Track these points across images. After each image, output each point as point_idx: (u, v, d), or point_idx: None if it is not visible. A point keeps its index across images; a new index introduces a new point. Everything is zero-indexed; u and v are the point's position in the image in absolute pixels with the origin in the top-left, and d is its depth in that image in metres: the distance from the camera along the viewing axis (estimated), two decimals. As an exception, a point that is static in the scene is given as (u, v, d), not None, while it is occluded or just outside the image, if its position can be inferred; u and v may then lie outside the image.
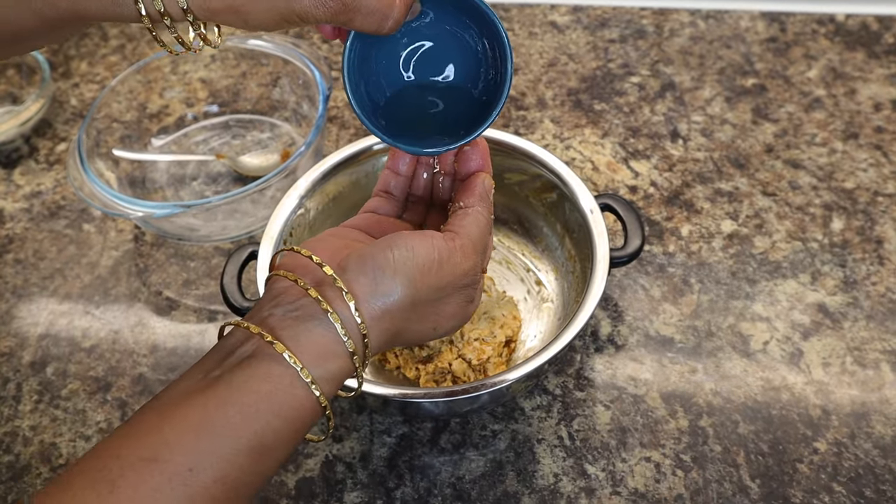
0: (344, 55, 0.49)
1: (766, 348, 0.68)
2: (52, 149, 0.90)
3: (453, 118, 0.51)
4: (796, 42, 0.93)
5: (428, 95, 0.52)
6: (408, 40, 0.50)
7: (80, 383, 0.69)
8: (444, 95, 0.51)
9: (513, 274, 0.73)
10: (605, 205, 0.67)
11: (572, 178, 0.67)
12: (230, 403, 0.39)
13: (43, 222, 0.82)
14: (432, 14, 0.49)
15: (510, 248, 0.75)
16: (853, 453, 0.61)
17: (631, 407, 0.65)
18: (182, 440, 0.38)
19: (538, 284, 0.72)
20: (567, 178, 0.68)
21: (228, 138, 0.89)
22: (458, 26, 0.49)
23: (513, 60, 0.48)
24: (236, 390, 0.40)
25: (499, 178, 0.71)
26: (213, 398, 0.40)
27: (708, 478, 0.61)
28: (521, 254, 0.75)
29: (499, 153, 0.69)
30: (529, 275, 0.73)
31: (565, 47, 0.96)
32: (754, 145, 0.83)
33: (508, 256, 0.74)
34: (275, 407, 0.40)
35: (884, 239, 0.74)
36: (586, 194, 0.66)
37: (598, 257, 0.62)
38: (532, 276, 0.73)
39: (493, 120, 0.49)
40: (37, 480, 0.63)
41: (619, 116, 0.87)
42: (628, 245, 0.65)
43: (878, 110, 0.85)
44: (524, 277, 0.73)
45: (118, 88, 0.83)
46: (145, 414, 0.41)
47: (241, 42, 0.86)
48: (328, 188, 0.70)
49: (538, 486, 0.61)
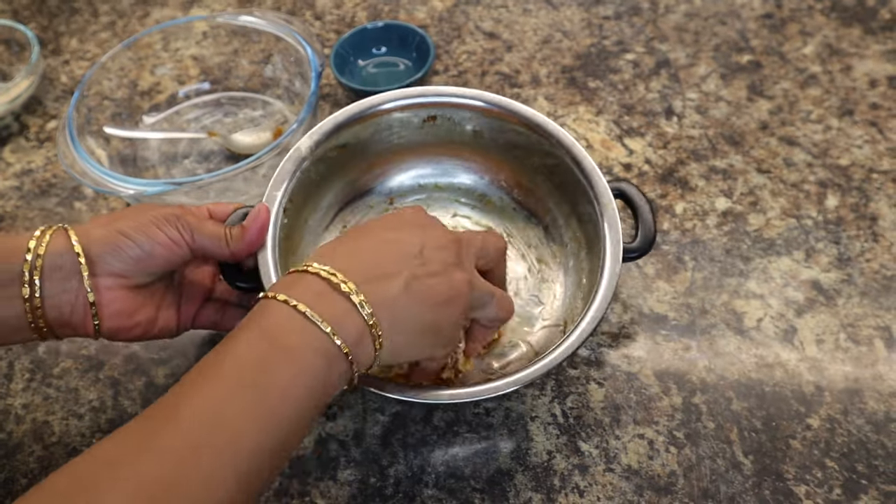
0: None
1: (760, 325, 0.68)
2: (43, 126, 0.89)
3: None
4: (792, 18, 0.92)
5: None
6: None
7: (72, 362, 0.69)
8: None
9: (513, 249, 0.70)
10: (618, 191, 0.64)
11: (587, 160, 0.64)
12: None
13: (34, 200, 0.82)
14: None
15: (515, 223, 0.72)
16: (846, 429, 0.62)
17: (624, 384, 0.65)
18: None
19: (540, 262, 0.70)
20: (581, 160, 0.64)
21: (220, 116, 0.88)
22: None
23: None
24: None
25: (505, 149, 0.70)
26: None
27: (701, 454, 0.61)
28: (525, 226, 0.72)
29: (508, 123, 0.68)
30: (531, 251, 0.70)
31: (559, 24, 0.95)
32: (749, 122, 0.82)
33: (512, 231, 0.72)
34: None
35: (878, 216, 0.74)
36: (601, 181, 0.63)
37: (608, 259, 0.60)
38: (534, 253, 0.70)
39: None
40: (29, 458, 0.63)
41: (614, 94, 0.86)
42: (639, 238, 0.62)
43: (873, 87, 0.85)
44: (525, 254, 0.70)
45: (109, 65, 0.82)
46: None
47: (232, 18, 0.85)
48: (333, 143, 0.68)
49: (532, 463, 0.61)
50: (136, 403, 0.66)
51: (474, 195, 0.74)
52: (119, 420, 0.65)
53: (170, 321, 0.59)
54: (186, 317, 0.60)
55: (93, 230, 0.53)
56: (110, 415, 0.65)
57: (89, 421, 0.65)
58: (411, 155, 0.73)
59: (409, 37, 0.90)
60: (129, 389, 0.67)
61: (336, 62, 0.87)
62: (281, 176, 0.62)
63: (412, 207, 0.56)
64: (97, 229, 0.53)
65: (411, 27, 0.90)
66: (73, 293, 0.53)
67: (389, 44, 0.92)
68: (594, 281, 0.60)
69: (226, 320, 0.62)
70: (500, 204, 0.73)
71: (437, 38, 0.94)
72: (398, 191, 0.74)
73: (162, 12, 1.02)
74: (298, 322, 0.45)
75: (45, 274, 0.51)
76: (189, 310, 0.60)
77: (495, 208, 0.73)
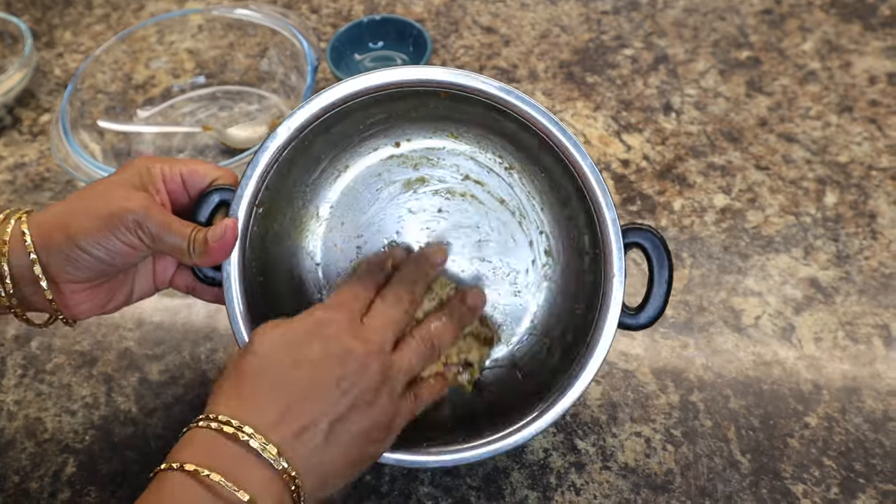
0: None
1: (758, 323, 0.67)
2: (36, 119, 0.88)
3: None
4: (791, 14, 0.92)
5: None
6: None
7: (65, 357, 0.69)
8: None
9: (522, 234, 0.61)
10: (633, 241, 0.54)
11: (601, 189, 0.53)
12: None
13: (27, 194, 0.81)
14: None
15: (531, 196, 0.61)
16: (844, 428, 0.61)
17: (622, 382, 0.65)
18: None
19: (547, 255, 0.61)
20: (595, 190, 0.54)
21: (215, 110, 0.87)
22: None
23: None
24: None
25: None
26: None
27: (698, 452, 0.61)
28: (541, 208, 0.61)
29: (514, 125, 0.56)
30: (542, 238, 0.61)
31: (557, 19, 0.94)
32: (748, 119, 0.82)
33: (526, 207, 0.61)
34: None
35: (877, 213, 0.74)
36: (613, 225, 0.53)
37: (604, 326, 0.53)
38: (544, 242, 0.61)
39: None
40: (21, 455, 0.63)
41: (612, 89, 0.86)
42: (647, 307, 0.54)
43: (872, 83, 0.84)
44: (534, 241, 0.61)
45: (103, 58, 0.82)
46: None
47: (228, 12, 0.84)
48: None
49: (528, 461, 0.61)
50: (129, 400, 0.65)
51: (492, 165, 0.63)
52: (112, 416, 0.64)
53: (146, 287, 0.57)
54: (162, 280, 0.58)
55: (51, 236, 0.50)
56: (103, 411, 0.65)
57: (82, 417, 0.65)
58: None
59: (406, 31, 0.90)
60: (123, 385, 0.66)
61: (332, 56, 0.87)
62: (249, 175, 0.55)
63: (324, 309, 0.51)
64: (55, 234, 0.50)
65: (408, 21, 0.89)
66: (41, 295, 0.51)
67: (386, 38, 0.91)
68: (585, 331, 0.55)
69: (200, 288, 0.58)
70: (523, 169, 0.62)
71: (434, 32, 0.94)
72: (407, 134, 0.62)
73: (157, 5, 1.01)
74: (206, 498, 0.41)
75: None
76: (164, 272, 0.58)
77: (517, 172, 0.62)
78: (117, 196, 0.51)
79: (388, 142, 0.62)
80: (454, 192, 0.62)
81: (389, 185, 0.62)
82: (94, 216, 0.50)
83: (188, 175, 0.54)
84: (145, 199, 0.51)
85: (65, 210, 0.51)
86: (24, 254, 0.50)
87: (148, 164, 0.53)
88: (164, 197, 0.53)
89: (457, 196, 0.62)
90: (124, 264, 0.52)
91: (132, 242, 0.50)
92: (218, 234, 0.52)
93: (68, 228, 0.50)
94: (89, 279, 0.52)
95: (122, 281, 0.55)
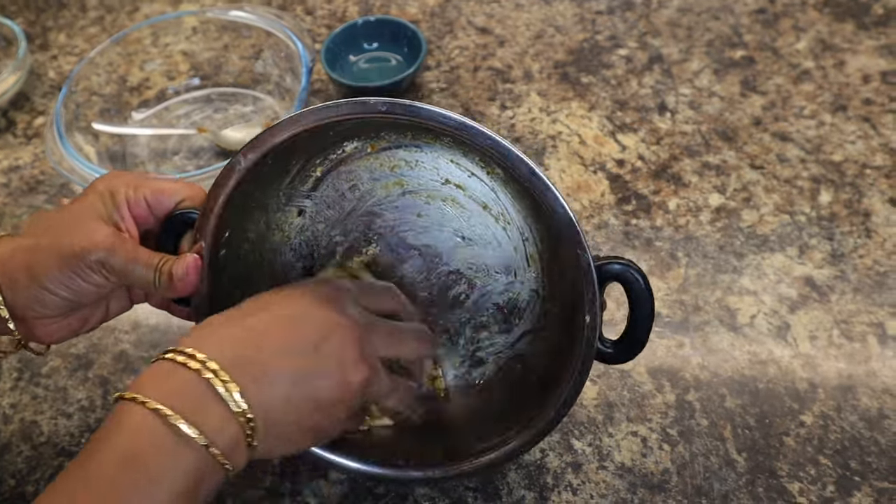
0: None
1: (754, 322, 0.67)
2: (30, 122, 0.88)
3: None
4: (785, 13, 0.92)
5: None
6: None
7: (60, 360, 0.68)
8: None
9: (507, 239, 0.58)
10: (613, 274, 0.49)
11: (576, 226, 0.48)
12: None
13: (21, 197, 0.81)
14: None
15: (514, 201, 0.57)
16: (839, 426, 0.61)
17: (617, 382, 0.65)
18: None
19: (532, 261, 0.58)
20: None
21: (210, 112, 0.87)
22: None
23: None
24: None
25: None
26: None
27: (694, 451, 0.61)
28: (525, 215, 0.57)
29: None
30: (526, 245, 0.58)
31: (552, 19, 0.94)
32: (742, 118, 0.82)
33: (510, 212, 0.58)
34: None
35: (871, 212, 0.74)
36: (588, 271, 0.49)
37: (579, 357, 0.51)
38: (529, 248, 0.58)
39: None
40: (17, 459, 0.62)
41: (607, 89, 0.86)
42: (625, 343, 0.51)
43: (866, 82, 0.84)
44: (518, 247, 0.58)
45: (97, 60, 0.82)
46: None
47: (222, 13, 0.84)
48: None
49: (524, 461, 0.61)
50: (125, 402, 0.65)
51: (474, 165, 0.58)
52: (108, 419, 0.64)
53: (122, 306, 0.56)
54: (138, 297, 0.57)
55: (15, 277, 0.49)
56: (99, 414, 0.65)
57: (78, 420, 0.65)
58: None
59: (400, 32, 0.90)
60: (119, 388, 0.66)
61: (327, 57, 0.87)
62: (211, 203, 0.52)
63: (328, 283, 0.51)
64: (19, 274, 0.49)
65: (403, 22, 0.89)
66: (9, 330, 0.51)
67: (381, 39, 0.91)
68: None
69: (174, 307, 0.58)
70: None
71: (428, 33, 0.94)
72: (383, 136, 0.58)
73: (151, 7, 1.01)
74: (167, 437, 0.40)
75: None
76: (138, 291, 0.57)
77: (500, 178, 0.57)
78: (81, 232, 0.50)
79: (364, 144, 0.57)
80: (434, 197, 0.59)
81: (367, 187, 0.59)
82: (58, 256, 0.49)
83: (153, 198, 0.53)
84: (108, 235, 0.50)
85: (28, 247, 0.50)
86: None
87: (112, 188, 0.52)
88: (129, 224, 0.52)
89: (437, 200, 0.59)
90: (92, 299, 0.52)
91: (97, 282, 0.50)
92: (181, 273, 0.51)
93: (32, 269, 0.49)
94: (59, 314, 0.51)
95: (95, 306, 0.54)
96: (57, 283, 0.49)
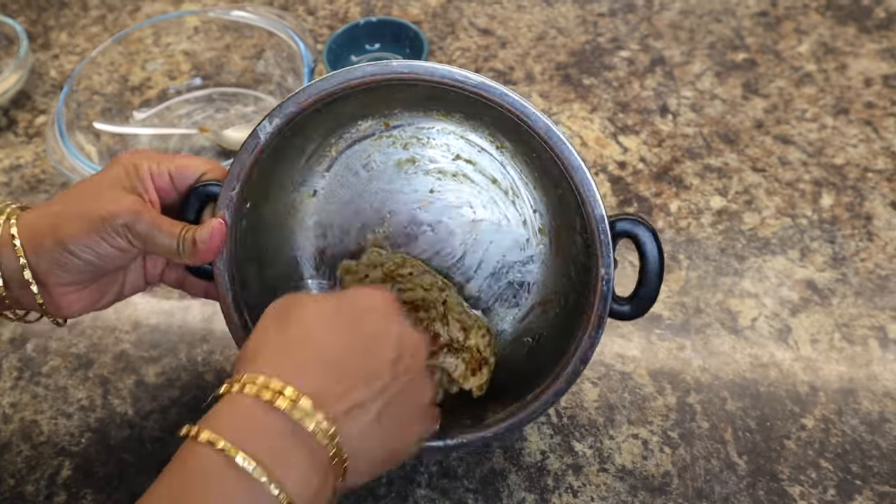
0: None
1: (755, 325, 0.67)
2: (32, 121, 0.88)
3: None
4: (787, 16, 0.92)
5: None
6: None
7: (61, 360, 0.68)
8: None
9: (516, 212, 0.60)
10: (624, 230, 0.52)
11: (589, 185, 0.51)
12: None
13: (23, 196, 0.81)
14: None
15: (523, 174, 0.60)
16: (840, 429, 0.61)
17: (619, 384, 0.65)
18: None
19: (541, 234, 0.60)
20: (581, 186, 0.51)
21: (212, 112, 0.87)
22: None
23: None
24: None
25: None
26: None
27: (695, 454, 0.61)
28: (534, 187, 0.60)
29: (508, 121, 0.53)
30: (536, 217, 0.60)
31: (554, 21, 0.94)
32: (744, 121, 0.82)
33: (519, 185, 0.60)
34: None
35: (873, 215, 0.74)
36: (600, 223, 0.51)
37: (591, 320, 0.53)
38: (538, 220, 0.60)
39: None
40: (17, 458, 0.62)
41: (609, 91, 0.86)
42: (636, 300, 0.53)
43: (868, 85, 0.84)
44: (528, 219, 0.60)
45: (99, 60, 0.81)
46: None
47: (224, 13, 0.84)
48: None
49: (525, 463, 0.61)
50: (125, 402, 0.65)
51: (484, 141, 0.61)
52: (108, 419, 0.64)
53: (137, 283, 0.57)
54: (153, 275, 0.58)
55: (40, 240, 0.50)
56: (100, 414, 0.65)
57: (78, 420, 0.64)
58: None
59: (402, 33, 0.90)
60: (119, 388, 0.66)
61: (329, 58, 0.87)
62: (235, 171, 0.54)
63: (372, 293, 0.49)
64: (45, 238, 0.50)
65: (405, 23, 0.89)
66: (31, 297, 0.51)
67: (383, 40, 0.91)
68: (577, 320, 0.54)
69: (189, 283, 0.59)
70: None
71: (430, 34, 0.94)
72: (395, 114, 0.60)
73: (153, 7, 1.01)
74: (242, 487, 0.38)
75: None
76: (154, 267, 0.58)
77: (509, 151, 0.60)
78: (106, 198, 0.51)
79: (377, 122, 0.60)
80: (445, 172, 0.61)
81: (380, 165, 0.61)
82: (84, 220, 0.50)
83: (176, 172, 0.54)
84: (134, 202, 0.51)
85: (54, 212, 0.51)
86: (13, 258, 0.50)
87: (136, 161, 0.53)
88: (152, 196, 0.53)
89: (448, 176, 0.61)
90: (114, 266, 0.52)
91: (122, 246, 0.50)
92: (205, 236, 0.52)
93: (58, 233, 0.49)
94: (80, 281, 0.52)
95: (113, 279, 0.55)
96: (82, 247, 0.50)
